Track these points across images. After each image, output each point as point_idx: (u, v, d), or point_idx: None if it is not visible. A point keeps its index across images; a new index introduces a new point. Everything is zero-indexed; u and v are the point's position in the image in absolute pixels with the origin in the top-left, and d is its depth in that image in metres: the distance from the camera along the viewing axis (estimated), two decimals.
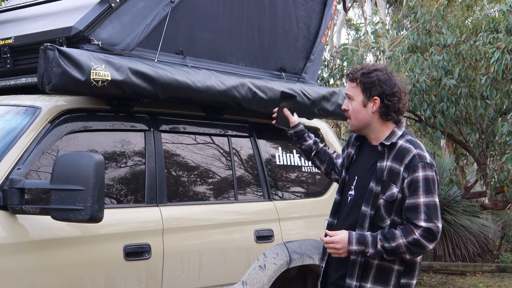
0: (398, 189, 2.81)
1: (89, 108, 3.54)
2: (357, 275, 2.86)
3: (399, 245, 2.76)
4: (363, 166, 2.97)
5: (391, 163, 2.85)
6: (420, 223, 2.75)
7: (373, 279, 2.85)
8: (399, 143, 2.88)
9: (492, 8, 8.86)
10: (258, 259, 4.04)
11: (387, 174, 2.84)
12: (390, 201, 2.82)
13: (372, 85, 2.89)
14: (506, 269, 8.70)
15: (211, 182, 4.13)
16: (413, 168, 2.79)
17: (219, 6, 4.32)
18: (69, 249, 3.16)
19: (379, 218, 2.84)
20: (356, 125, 2.96)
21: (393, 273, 2.86)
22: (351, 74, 2.94)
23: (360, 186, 2.93)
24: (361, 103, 2.92)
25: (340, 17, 15.90)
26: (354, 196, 2.95)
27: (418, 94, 7.36)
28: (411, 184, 2.79)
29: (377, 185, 2.85)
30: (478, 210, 10.24)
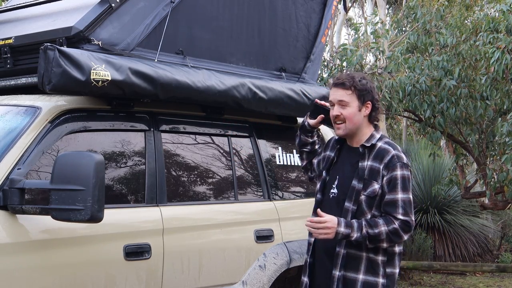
0: (379, 185, 3.11)
1: (89, 108, 3.54)
2: (340, 265, 3.10)
3: (380, 232, 3.05)
4: (345, 166, 3.25)
5: (371, 163, 3.15)
6: (398, 216, 3.08)
7: (364, 271, 3.10)
8: (378, 145, 3.19)
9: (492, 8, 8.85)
10: (258, 259, 4.04)
11: (368, 172, 3.14)
12: (371, 197, 3.11)
13: (366, 92, 3.20)
14: (506, 269, 8.69)
15: (211, 182, 4.13)
16: (392, 167, 3.11)
17: (219, 6, 4.32)
18: (69, 249, 3.16)
19: (360, 213, 3.12)
20: (350, 128, 3.21)
21: (379, 264, 3.12)
22: (346, 82, 3.18)
23: (342, 185, 3.20)
24: (357, 108, 3.19)
25: (340, 17, 15.91)
26: (337, 194, 3.21)
27: (418, 94, 7.36)
28: (390, 182, 3.10)
29: (359, 183, 3.13)
30: (478, 210, 10.24)
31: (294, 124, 4.77)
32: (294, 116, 4.71)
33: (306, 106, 4.50)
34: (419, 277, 9.34)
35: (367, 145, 3.19)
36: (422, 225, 10.29)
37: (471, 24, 7.59)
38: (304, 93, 4.49)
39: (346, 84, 3.18)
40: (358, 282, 3.09)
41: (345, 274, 3.10)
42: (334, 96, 3.22)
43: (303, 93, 4.48)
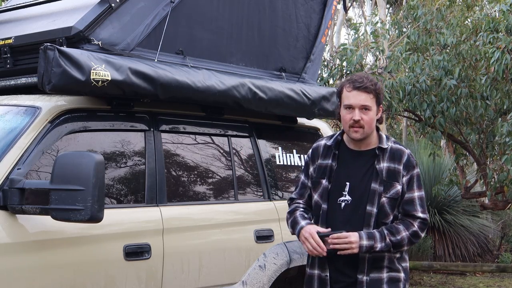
0: (400, 186, 3.11)
1: (89, 108, 3.54)
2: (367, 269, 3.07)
3: (402, 238, 3.08)
4: (355, 171, 3.16)
5: (388, 164, 3.13)
6: (418, 214, 3.14)
7: (387, 269, 3.10)
8: (390, 146, 3.18)
9: (492, 8, 8.85)
10: (258, 259, 4.04)
11: (386, 174, 3.11)
12: (395, 198, 3.10)
13: (381, 95, 3.16)
14: (506, 269, 8.70)
15: (211, 182, 4.13)
16: (411, 167, 3.15)
17: (219, 6, 4.32)
18: (69, 249, 3.16)
19: (383, 215, 3.10)
20: (368, 133, 3.14)
21: (395, 261, 3.14)
22: (369, 86, 3.09)
23: (356, 190, 3.13)
24: (375, 112, 3.15)
25: (340, 17, 15.91)
26: (351, 201, 3.12)
27: (418, 94, 7.36)
28: (409, 181, 3.13)
29: (380, 186, 3.10)
30: (478, 210, 10.24)
31: (294, 124, 4.77)
32: (294, 116, 4.71)
33: (306, 106, 4.51)
34: (419, 277, 9.34)
35: (384, 147, 3.15)
36: None
37: (471, 24, 7.59)
38: (304, 93, 4.49)
39: (369, 88, 3.10)
40: (384, 280, 3.09)
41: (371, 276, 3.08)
42: (356, 100, 3.09)
43: (303, 93, 4.48)
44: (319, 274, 3.19)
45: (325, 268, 3.17)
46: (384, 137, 3.19)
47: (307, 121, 4.83)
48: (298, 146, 4.77)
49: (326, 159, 3.24)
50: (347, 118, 3.12)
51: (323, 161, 3.25)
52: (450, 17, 8.19)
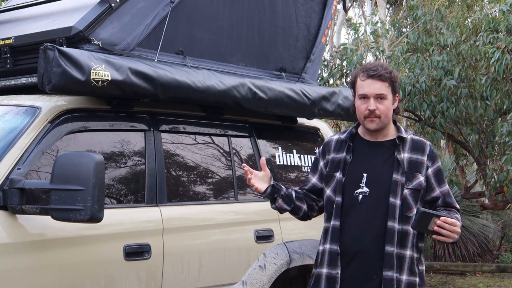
0: (424, 177, 2.96)
1: (89, 108, 3.53)
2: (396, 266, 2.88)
3: None
4: (372, 163, 3.01)
5: (411, 155, 2.99)
6: (457, 206, 3.04)
7: (407, 271, 2.91)
8: (409, 137, 3.04)
9: (492, 8, 8.85)
10: (258, 259, 4.04)
11: (407, 165, 2.96)
12: (418, 189, 2.95)
13: (396, 83, 3.02)
14: (506, 269, 8.70)
15: (211, 182, 4.13)
16: (435, 158, 3.03)
17: (219, 6, 4.32)
18: (69, 249, 3.16)
19: (406, 208, 2.93)
20: (385, 123, 3.00)
21: (415, 262, 2.96)
22: (384, 74, 2.95)
23: (375, 181, 2.96)
24: (391, 101, 3.00)
25: (340, 17, 15.91)
26: (369, 192, 2.95)
27: (418, 94, 7.36)
28: (437, 173, 3.01)
29: (402, 176, 2.94)
30: (478, 210, 10.24)
31: (294, 124, 4.77)
32: (294, 116, 4.71)
33: (306, 106, 4.50)
34: None
35: (404, 136, 3.01)
36: None
37: (471, 24, 7.60)
38: (304, 93, 4.49)
39: (384, 76, 2.94)
40: (402, 284, 2.89)
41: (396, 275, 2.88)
42: (370, 89, 2.94)
43: (303, 93, 4.48)
44: (328, 273, 2.96)
45: (337, 265, 2.95)
46: (403, 129, 3.06)
47: (307, 121, 4.83)
48: (298, 146, 4.77)
49: (340, 152, 3.08)
50: (362, 108, 2.97)
51: (336, 155, 3.09)
52: (450, 17, 8.19)
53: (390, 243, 2.89)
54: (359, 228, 2.94)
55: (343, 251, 2.95)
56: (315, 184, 3.17)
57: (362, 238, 2.91)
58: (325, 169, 3.12)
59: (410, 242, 2.92)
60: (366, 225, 2.93)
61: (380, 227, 2.91)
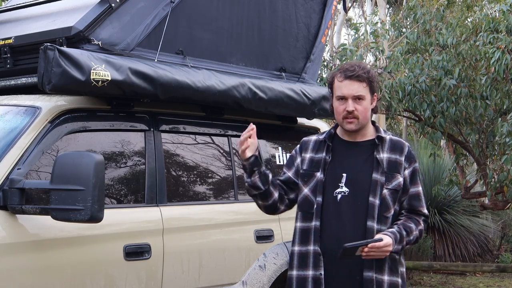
0: (402, 178, 2.98)
1: (89, 108, 3.53)
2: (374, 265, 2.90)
3: (413, 238, 3.00)
4: (352, 162, 3.00)
5: (389, 155, 3.00)
6: (423, 210, 3.06)
7: (388, 271, 2.93)
8: (388, 137, 3.05)
9: (492, 8, 8.85)
10: (258, 259, 4.04)
11: (387, 165, 2.97)
12: (397, 190, 2.96)
13: (374, 83, 2.99)
14: (506, 269, 8.69)
15: (211, 182, 4.13)
16: (412, 159, 3.03)
17: (219, 6, 4.32)
18: (69, 249, 3.16)
19: (385, 208, 2.94)
20: (363, 123, 2.99)
21: (397, 263, 2.98)
22: (361, 74, 2.93)
23: (355, 181, 2.95)
24: (369, 101, 2.99)
25: (340, 17, 15.90)
26: (348, 192, 2.94)
27: (418, 94, 7.36)
28: (413, 174, 3.01)
29: (381, 176, 2.95)
30: (478, 210, 10.24)
31: (294, 124, 4.77)
32: (294, 116, 4.71)
33: (306, 106, 4.51)
34: (419, 277, 9.34)
35: (383, 136, 3.02)
36: None
37: (471, 24, 7.60)
38: (304, 93, 4.49)
39: (361, 76, 2.93)
40: (384, 284, 2.91)
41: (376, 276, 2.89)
42: (348, 90, 2.93)
43: (303, 93, 4.48)
44: (313, 275, 2.94)
45: (319, 266, 2.92)
46: (381, 129, 3.07)
47: (307, 121, 4.83)
48: None
49: (319, 152, 3.05)
50: (340, 109, 2.96)
51: (315, 155, 3.06)
52: (449, 17, 8.19)
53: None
54: (339, 228, 2.92)
55: (323, 251, 2.93)
56: (290, 177, 3.10)
57: (342, 238, 2.87)
58: (303, 166, 3.07)
59: None
60: (346, 225, 2.92)
61: (360, 227, 2.91)
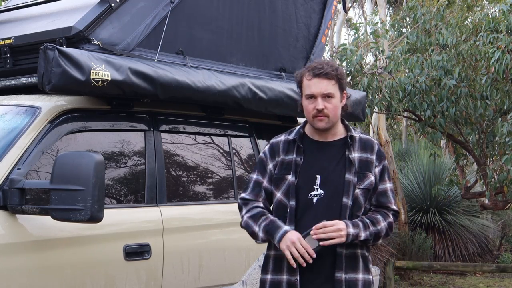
0: (373, 177, 2.97)
1: (89, 108, 3.53)
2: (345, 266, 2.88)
3: (381, 228, 2.95)
4: (324, 163, 2.96)
5: (361, 154, 2.98)
6: (392, 206, 3.01)
7: (362, 270, 2.94)
8: (358, 136, 3.02)
9: (492, 8, 8.86)
10: (258, 259, 4.04)
11: (358, 164, 2.95)
12: (369, 189, 2.95)
13: (343, 80, 2.96)
14: (506, 269, 8.68)
15: (211, 182, 4.13)
16: (382, 157, 3.03)
17: (219, 6, 4.32)
18: (69, 249, 3.16)
19: (357, 208, 2.93)
20: (334, 122, 2.95)
21: (369, 261, 3.00)
22: (330, 72, 2.90)
23: (329, 182, 2.92)
24: (339, 99, 2.96)
25: (340, 17, 15.90)
26: (324, 194, 2.90)
27: (418, 94, 7.36)
28: (382, 172, 3.01)
29: (354, 176, 2.93)
30: (478, 210, 10.25)
31: (294, 124, 4.77)
32: (294, 116, 4.71)
33: None
34: (419, 277, 9.34)
35: (355, 135, 2.99)
36: (422, 225, 10.30)
37: (471, 24, 7.60)
38: None
39: (330, 74, 2.89)
40: (359, 283, 2.90)
41: (346, 276, 2.88)
42: (317, 88, 2.89)
43: None
44: (288, 280, 2.90)
45: (296, 272, 2.87)
46: (351, 127, 3.04)
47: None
48: None
49: (289, 154, 2.99)
50: (310, 108, 2.92)
51: (285, 157, 2.99)
52: (449, 17, 8.19)
53: (340, 244, 2.87)
54: None
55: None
56: (267, 187, 3.02)
57: None
58: (275, 171, 3.00)
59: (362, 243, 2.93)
60: None
61: None
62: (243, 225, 3.02)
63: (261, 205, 3.01)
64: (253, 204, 3.01)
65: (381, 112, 8.31)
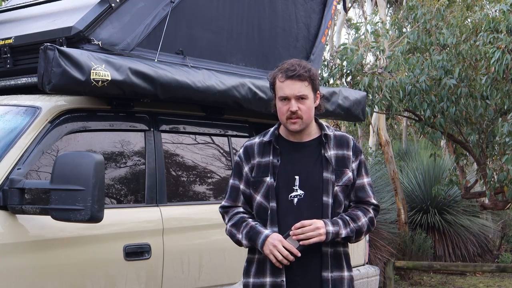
0: (351, 172, 2.98)
1: (89, 108, 3.54)
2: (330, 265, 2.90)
3: (362, 224, 2.95)
4: (302, 163, 2.96)
5: (337, 151, 2.99)
6: (371, 200, 3.01)
7: (346, 267, 2.97)
8: (332, 133, 3.03)
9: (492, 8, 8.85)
10: None
11: (335, 162, 2.96)
12: (347, 185, 2.97)
13: (316, 81, 2.96)
14: (506, 269, 8.69)
15: (211, 182, 4.13)
16: (358, 153, 3.04)
17: (219, 6, 4.32)
18: (69, 249, 3.16)
19: (337, 205, 2.95)
20: (307, 123, 2.95)
21: (350, 257, 3.01)
22: (303, 73, 2.89)
23: (309, 183, 2.92)
24: (312, 100, 2.95)
25: (340, 17, 15.91)
26: (304, 194, 2.91)
27: (418, 94, 7.36)
28: (359, 166, 3.01)
29: (332, 174, 2.94)
30: (478, 210, 10.25)
31: None
32: None
33: None
34: (419, 277, 9.34)
35: (329, 133, 2.99)
36: (422, 225, 10.30)
37: (471, 24, 7.60)
38: None
39: (303, 76, 2.88)
40: (344, 280, 2.93)
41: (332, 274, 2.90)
42: (290, 90, 2.88)
43: None
44: (273, 282, 2.89)
45: (281, 273, 2.87)
46: (325, 125, 3.03)
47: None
48: None
49: (265, 156, 2.97)
50: (284, 110, 2.91)
51: (262, 159, 2.98)
52: (450, 17, 8.19)
53: (325, 244, 2.88)
54: None
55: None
56: (244, 191, 3.01)
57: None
58: (251, 174, 2.99)
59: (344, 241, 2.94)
60: None
61: None
62: (227, 234, 3.04)
63: (241, 210, 3.01)
64: (233, 211, 3.02)
65: (381, 112, 8.31)
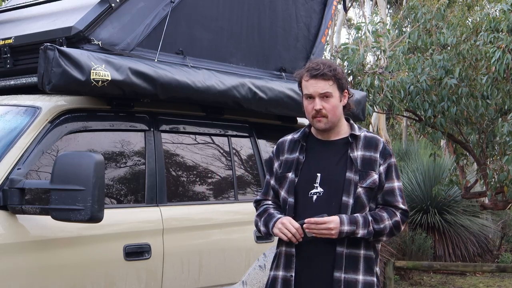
0: (377, 175, 2.94)
1: (89, 108, 3.54)
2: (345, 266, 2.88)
3: (385, 227, 2.91)
4: (326, 162, 2.99)
5: (364, 152, 2.97)
6: (400, 205, 2.96)
7: (363, 271, 2.91)
8: (362, 134, 3.02)
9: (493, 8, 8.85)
10: (258, 259, 4.04)
11: (361, 163, 2.95)
12: (372, 188, 2.93)
13: (343, 80, 2.99)
14: (506, 269, 8.68)
15: (211, 182, 4.13)
16: (388, 155, 2.99)
17: (219, 6, 4.32)
18: (69, 249, 3.16)
19: (360, 207, 2.92)
20: (334, 121, 2.98)
21: (373, 262, 2.96)
22: (327, 72, 2.93)
23: (329, 181, 2.94)
24: (338, 98, 2.98)
25: (340, 17, 15.91)
26: (324, 192, 2.93)
27: (419, 94, 7.36)
28: (388, 170, 2.97)
29: (355, 175, 2.93)
30: (478, 210, 10.25)
31: (294, 124, 4.77)
32: (294, 116, 4.71)
33: None
34: (419, 277, 9.34)
35: (357, 133, 3.00)
36: (422, 225, 10.30)
37: (471, 24, 7.59)
38: None
39: (327, 75, 2.92)
40: (358, 284, 2.88)
41: (346, 276, 2.87)
42: (314, 88, 2.93)
43: None
44: (284, 276, 2.95)
45: (291, 268, 2.93)
46: (356, 126, 3.05)
47: (307, 121, 4.82)
48: None
49: (293, 153, 3.05)
50: (309, 108, 2.97)
51: (289, 156, 3.06)
52: (450, 17, 8.18)
53: (340, 243, 2.89)
54: None
55: (298, 253, 2.92)
56: (273, 186, 3.10)
57: (316, 239, 2.86)
58: (279, 170, 3.08)
59: (364, 242, 2.92)
60: None
61: None
62: (254, 224, 3.13)
63: (269, 202, 3.11)
64: (262, 204, 3.13)
65: (382, 112, 8.30)
